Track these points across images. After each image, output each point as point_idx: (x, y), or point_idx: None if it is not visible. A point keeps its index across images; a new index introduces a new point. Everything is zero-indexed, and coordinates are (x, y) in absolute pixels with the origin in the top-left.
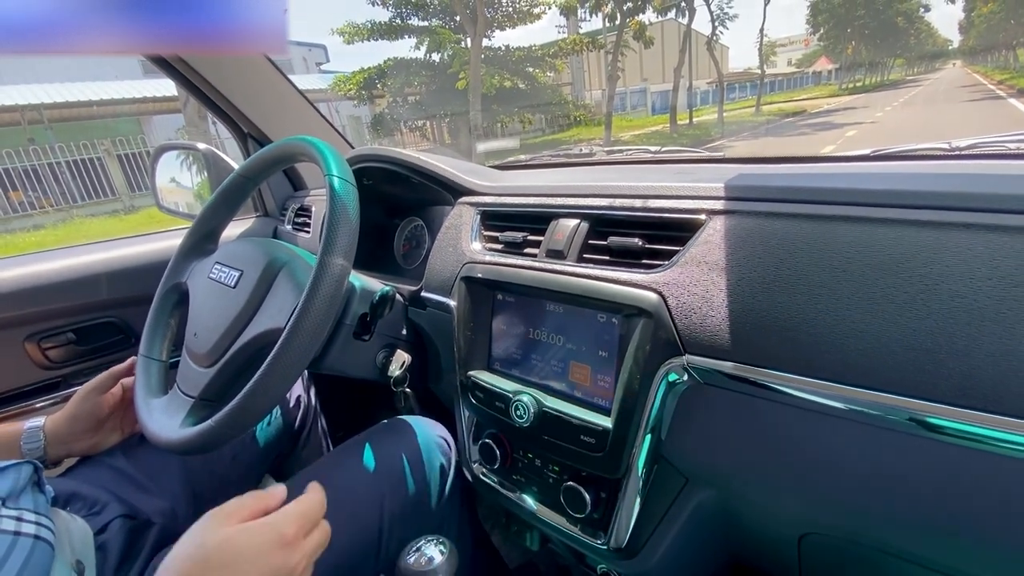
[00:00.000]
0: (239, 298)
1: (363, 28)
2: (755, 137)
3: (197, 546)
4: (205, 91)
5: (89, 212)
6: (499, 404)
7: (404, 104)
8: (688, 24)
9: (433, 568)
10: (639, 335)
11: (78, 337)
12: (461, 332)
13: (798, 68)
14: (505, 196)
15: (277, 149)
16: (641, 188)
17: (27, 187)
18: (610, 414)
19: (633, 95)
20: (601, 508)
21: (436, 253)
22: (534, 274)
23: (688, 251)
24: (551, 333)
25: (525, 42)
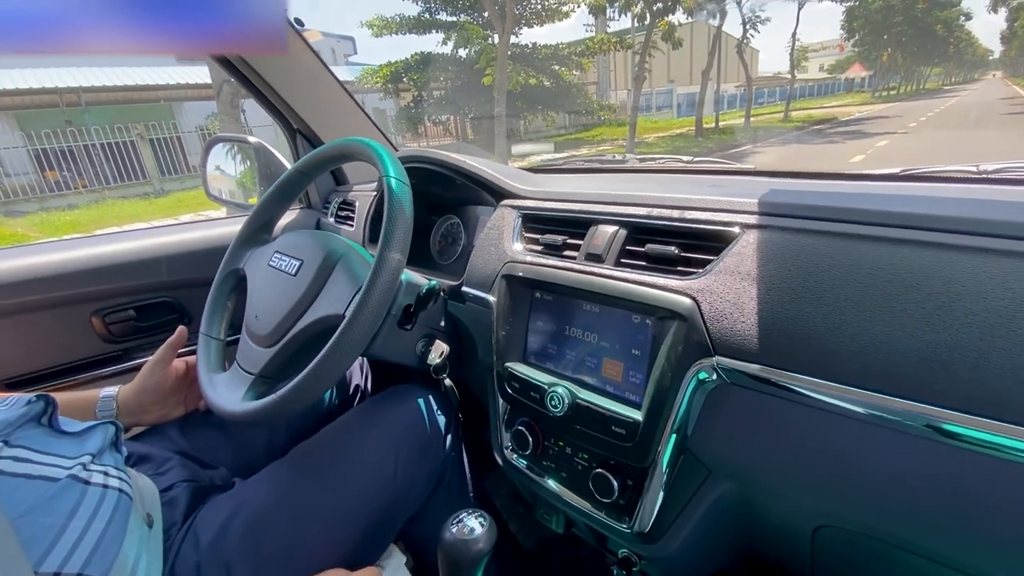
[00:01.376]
0: (299, 286)
1: (392, 22)
2: (783, 144)
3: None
4: (260, 87)
5: (121, 194)
6: (534, 394)
7: (429, 99)
8: (719, 27)
9: (475, 537)
10: (672, 336)
11: (138, 314)
12: (500, 326)
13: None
14: (546, 201)
15: (334, 148)
16: (678, 199)
17: (62, 167)
18: (640, 408)
19: (659, 96)
20: (627, 495)
21: (478, 252)
22: (574, 275)
23: (722, 261)
24: (586, 331)
25: (552, 40)
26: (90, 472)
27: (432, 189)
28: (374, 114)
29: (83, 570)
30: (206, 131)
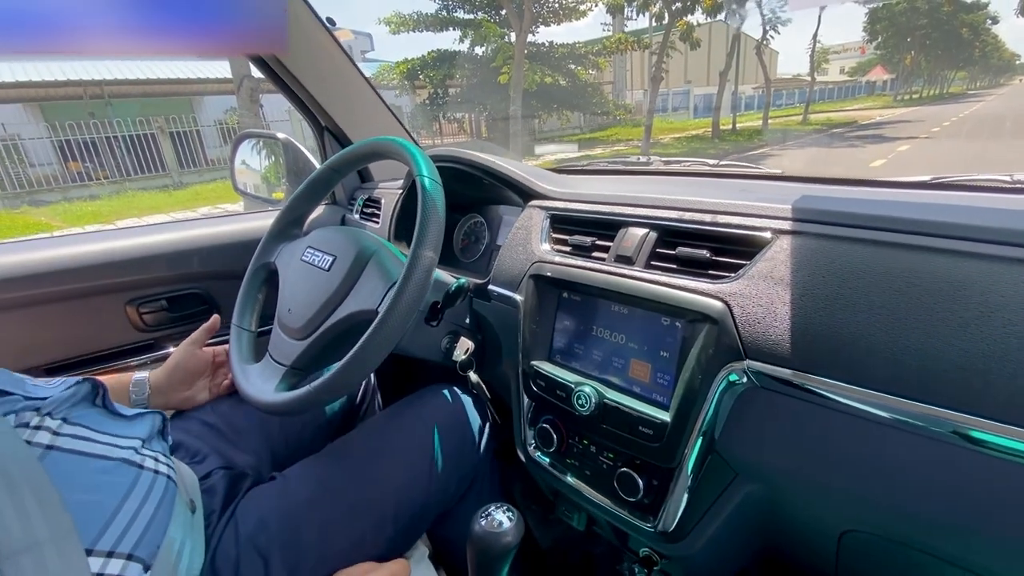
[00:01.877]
0: (332, 281)
1: (409, 19)
2: (800, 147)
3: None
4: (290, 84)
5: (141, 186)
6: (560, 393)
7: (444, 96)
8: (738, 27)
9: (504, 530)
10: (703, 339)
11: (169, 304)
12: (526, 325)
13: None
14: (574, 202)
15: (367, 147)
16: (709, 204)
17: (84, 158)
18: (668, 409)
19: (675, 97)
20: (652, 494)
21: (506, 251)
22: (603, 277)
23: (754, 266)
24: (613, 332)
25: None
26: (143, 456)
27: (457, 188)
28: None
29: (134, 551)
30: (224, 125)
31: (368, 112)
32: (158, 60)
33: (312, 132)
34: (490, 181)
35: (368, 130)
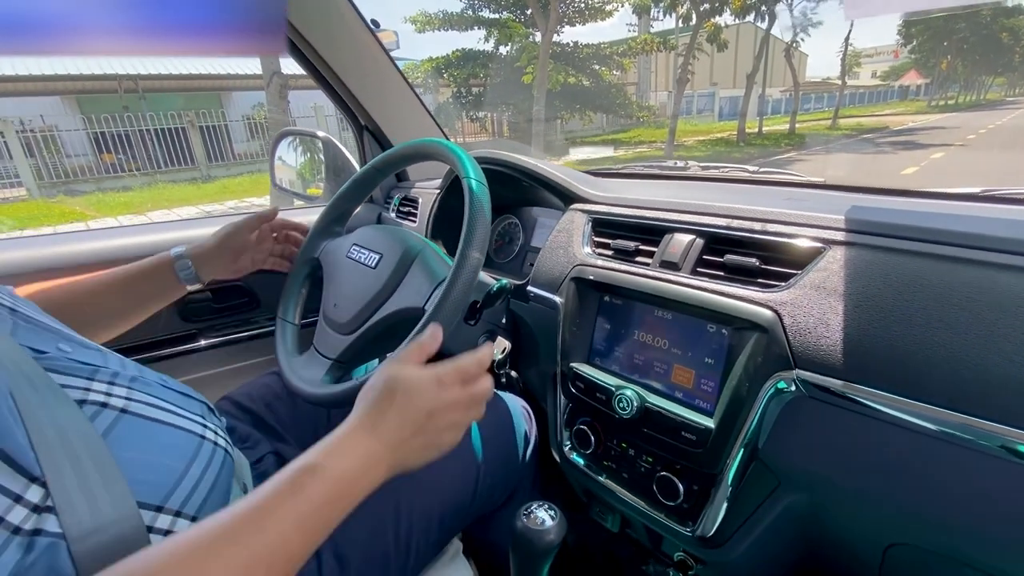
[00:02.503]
0: (379, 278)
1: (435, 18)
2: (829, 152)
3: (380, 379)
4: (333, 84)
5: (170, 178)
6: (599, 395)
7: (468, 95)
8: (767, 30)
9: (546, 528)
10: (751, 347)
11: (213, 296)
12: (566, 327)
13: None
14: (616, 206)
15: (412, 148)
16: (760, 212)
17: (117, 150)
18: (712, 415)
19: (700, 99)
20: (692, 499)
21: (546, 253)
22: (648, 282)
23: (806, 276)
24: (656, 337)
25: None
26: (203, 427)
27: (493, 189)
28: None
29: (197, 515)
30: (252, 120)
31: (407, 113)
32: (156, 59)
33: (351, 131)
34: (529, 183)
35: (407, 131)
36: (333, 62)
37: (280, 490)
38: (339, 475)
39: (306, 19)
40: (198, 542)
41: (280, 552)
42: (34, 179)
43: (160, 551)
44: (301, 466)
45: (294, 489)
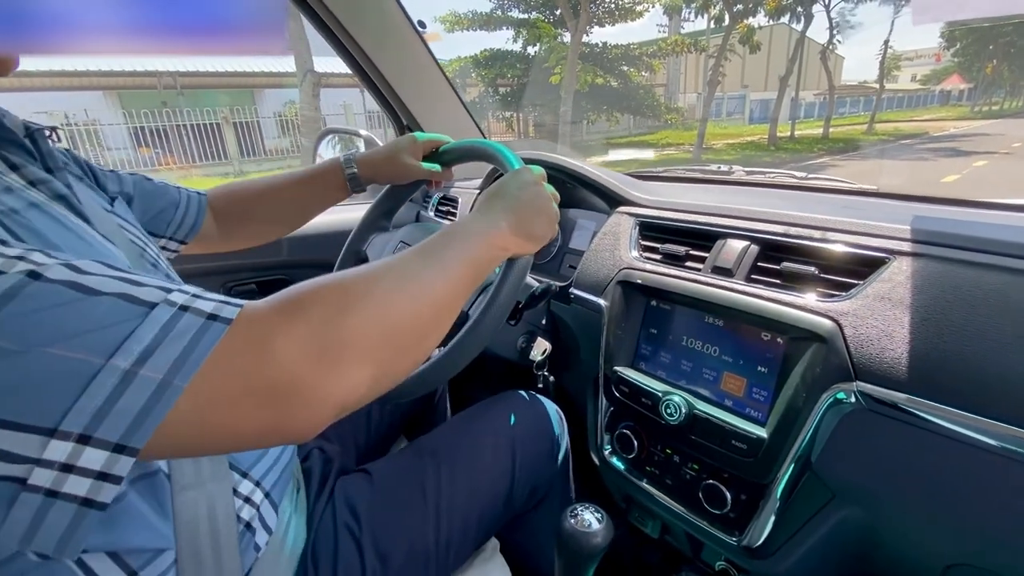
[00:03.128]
0: None
1: (464, 18)
2: (864, 158)
3: (487, 190)
4: (377, 83)
5: (204, 172)
6: (645, 400)
7: (495, 95)
8: (802, 32)
9: (594, 531)
10: (809, 358)
11: (259, 288)
12: (611, 331)
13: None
14: (664, 210)
15: (460, 148)
16: (819, 220)
17: (154, 144)
18: (764, 425)
19: (730, 101)
20: (739, 508)
21: (591, 256)
22: (700, 287)
23: (869, 286)
24: (706, 344)
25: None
26: None
27: None
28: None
29: (270, 491)
30: (283, 117)
31: (449, 114)
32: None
33: (393, 129)
34: (572, 184)
35: (447, 132)
36: (380, 62)
37: (437, 235)
38: (472, 227)
39: (355, 19)
40: (382, 262)
41: (442, 266)
42: None
43: (351, 270)
44: (443, 230)
45: (447, 233)
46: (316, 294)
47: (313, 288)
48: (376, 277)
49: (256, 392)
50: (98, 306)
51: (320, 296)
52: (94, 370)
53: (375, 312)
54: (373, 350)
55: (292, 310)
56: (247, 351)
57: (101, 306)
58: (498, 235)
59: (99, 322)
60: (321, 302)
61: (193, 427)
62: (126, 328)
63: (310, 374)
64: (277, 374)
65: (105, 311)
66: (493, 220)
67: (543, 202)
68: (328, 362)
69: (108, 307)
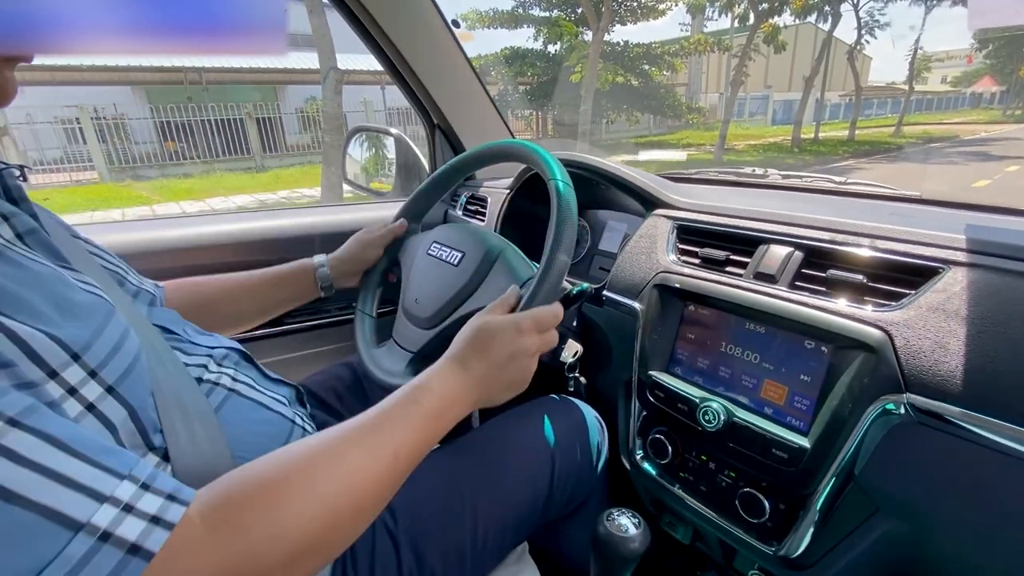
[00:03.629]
0: (461, 276)
1: (485, 16)
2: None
3: (474, 328)
4: (410, 82)
5: (227, 167)
6: (681, 406)
7: (514, 93)
8: (830, 31)
9: (631, 536)
10: (857, 368)
11: None
12: (646, 334)
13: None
14: (703, 213)
15: (495, 148)
16: (869, 227)
17: (179, 139)
18: (806, 434)
19: (753, 102)
20: (778, 518)
21: (627, 258)
22: (741, 293)
23: (922, 296)
24: (746, 350)
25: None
26: (293, 413)
27: None
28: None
29: None
30: (304, 113)
31: (481, 115)
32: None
33: (423, 128)
34: (606, 185)
35: (478, 132)
36: (412, 58)
37: (399, 401)
38: (442, 394)
39: (389, 14)
40: (327, 443)
41: (398, 452)
42: (105, 163)
43: (291, 449)
44: (412, 385)
45: (408, 401)
46: (246, 503)
47: (242, 493)
48: (314, 484)
49: None
50: (7, 521)
51: (251, 506)
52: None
53: (308, 526)
54: (301, 562)
55: (220, 525)
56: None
57: (10, 522)
58: (463, 407)
59: (4, 545)
60: (252, 514)
61: None
62: (31, 565)
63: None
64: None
65: (13, 532)
66: (465, 389)
67: (522, 377)
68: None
69: (18, 527)
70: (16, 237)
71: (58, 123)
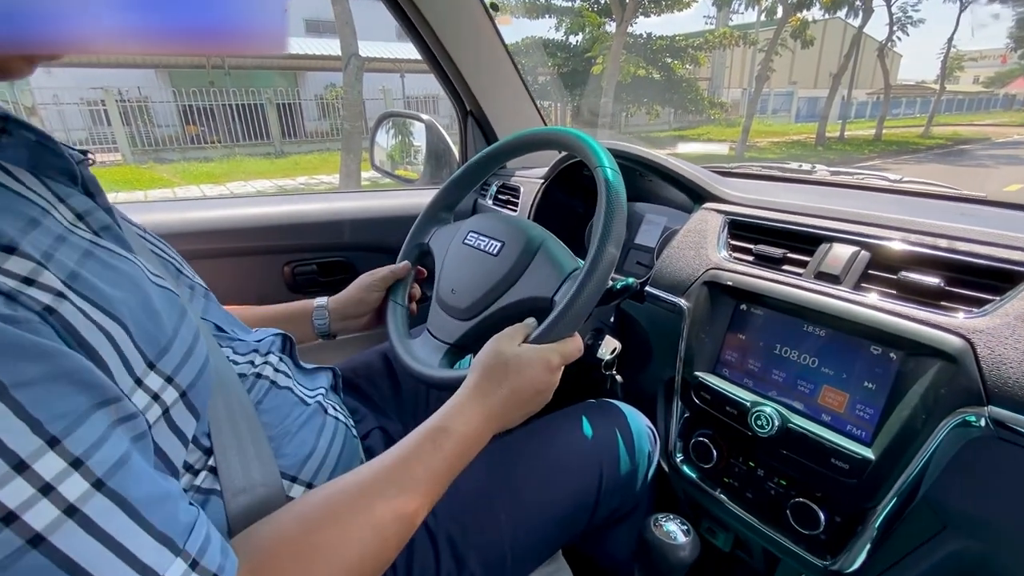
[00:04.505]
0: (502, 266)
1: (507, 6)
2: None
3: (496, 354)
4: (444, 66)
5: (247, 152)
6: (731, 410)
7: (534, 84)
8: (860, 27)
9: (680, 544)
10: (933, 377)
11: (319, 269)
12: (693, 333)
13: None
14: (759, 208)
15: (538, 135)
16: (944, 228)
17: (201, 123)
18: (870, 445)
19: (777, 98)
20: (833, 530)
21: (673, 253)
22: (802, 294)
23: (1009, 303)
24: (803, 354)
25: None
26: (327, 404)
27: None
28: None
29: None
30: (323, 100)
31: (515, 102)
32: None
33: (456, 115)
34: (649, 177)
35: (512, 120)
36: (448, 43)
37: (422, 446)
38: (463, 436)
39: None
40: (351, 495)
41: (420, 500)
42: (128, 146)
43: (313, 502)
44: (434, 427)
45: (433, 447)
46: (276, 564)
47: (272, 551)
48: (345, 539)
49: None
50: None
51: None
52: None
53: (340, 571)
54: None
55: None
56: None
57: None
58: (479, 444)
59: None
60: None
61: None
62: None
63: None
64: None
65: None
66: (487, 426)
67: (543, 404)
68: None
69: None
70: (95, 234)
71: (84, 104)
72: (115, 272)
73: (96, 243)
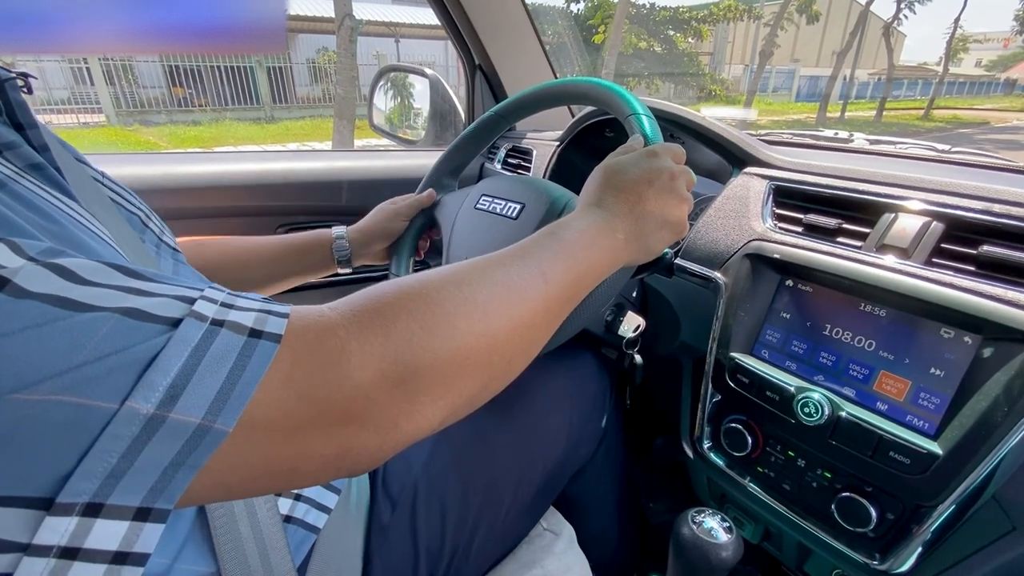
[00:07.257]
0: (522, 229)
1: None
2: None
3: (599, 169)
4: (454, 14)
5: (236, 116)
6: (771, 395)
7: None
8: (867, 3)
9: (722, 543)
10: (1019, 365)
11: None
12: (730, 311)
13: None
14: (809, 174)
15: (562, 88)
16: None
17: (188, 85)
18: (935, 438)
19: (778, 76)
20: (884, 528)
21: (709, 222)
22: (863, 269)
23: None
24: (857, 335)
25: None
26: None
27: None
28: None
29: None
30: (314, 64)
31: (528, 57)
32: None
33: (463, 69)
34: (683, 140)
35: (524, 76)
36: None
37: (537, 236)
38: (582, 228)
39: None
40: (473, 263)
41: (547, 274)
42: (112, 107)
43: (431, 272)
44: (551, 223)
45: (548, 235)
46: (399, 305)
47: (395, 296)
48: (469, 294)
49: (322, 422)
50: (96, 327)
51: (404, 308)
52: (103, 419)
53: (466, 338)
54: (458, 380)
55: (370, 321)
56: (316, 373)
57: (101, 327)
58: (610, 249)
59: (101, 350)
60: (406, 315)
61: (238, 471)
62: (142, 355)
63: (387, 401)
64: (351, 398)
65: (108, 334)
66: (607, 226)
67: (675, 210)
68: (408, 390)
69: (112, 328)
70: (18, 172)
71: (65, 62)
72: (35, 211)
73: (15, 178)
